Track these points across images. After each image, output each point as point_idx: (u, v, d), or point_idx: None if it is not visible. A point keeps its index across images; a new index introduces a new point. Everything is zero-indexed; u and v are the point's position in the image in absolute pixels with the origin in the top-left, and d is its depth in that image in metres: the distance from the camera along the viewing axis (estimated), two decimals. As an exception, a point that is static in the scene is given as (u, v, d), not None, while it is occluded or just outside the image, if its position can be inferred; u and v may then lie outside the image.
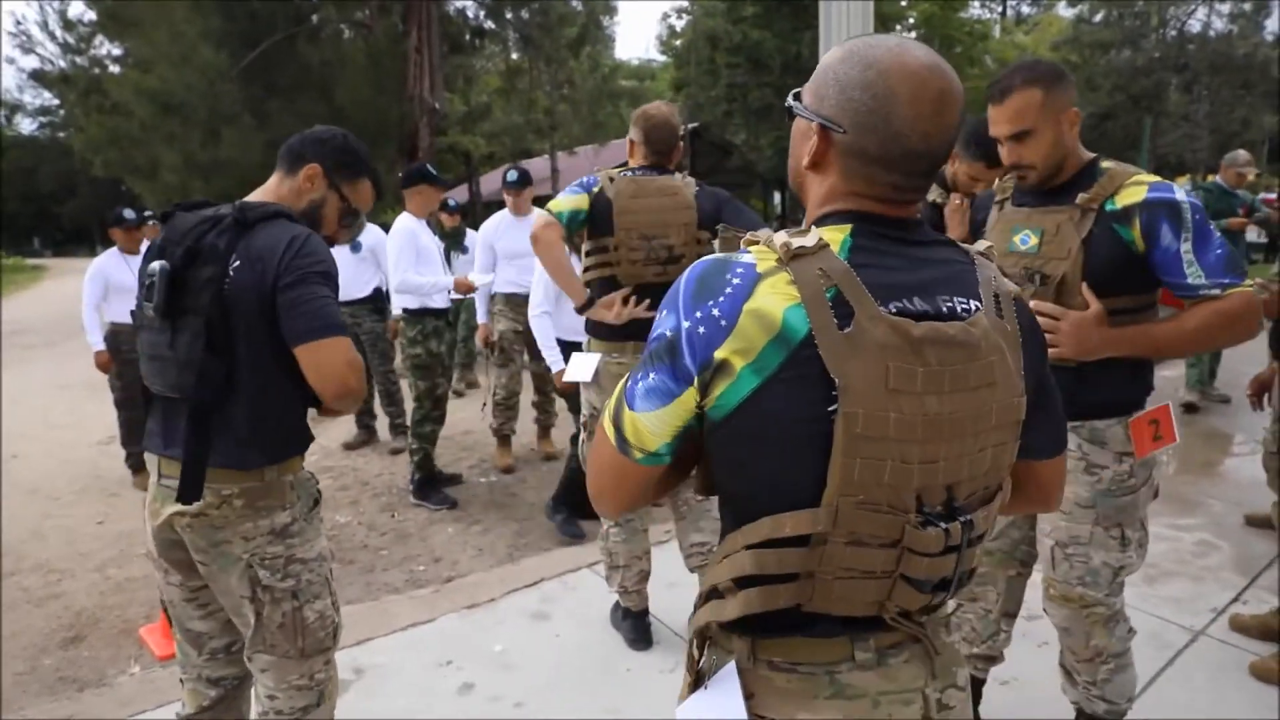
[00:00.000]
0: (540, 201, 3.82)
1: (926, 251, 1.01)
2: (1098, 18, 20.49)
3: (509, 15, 14.82)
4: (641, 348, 1.31)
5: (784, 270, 0.94)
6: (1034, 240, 1.97)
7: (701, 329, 0.94)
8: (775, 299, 0.92)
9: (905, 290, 0.96)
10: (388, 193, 10.87)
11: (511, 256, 5.17)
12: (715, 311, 0.94)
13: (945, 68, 0.98)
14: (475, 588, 3.71)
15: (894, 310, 0.93)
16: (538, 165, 16.45)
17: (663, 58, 27.18)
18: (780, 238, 0.97)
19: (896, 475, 0.92)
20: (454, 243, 7.24)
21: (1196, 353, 2.23)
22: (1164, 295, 2.01)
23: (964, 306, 0.99)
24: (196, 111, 12.57)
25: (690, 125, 15.93)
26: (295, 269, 1.72)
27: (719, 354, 0.93)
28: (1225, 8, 18.68)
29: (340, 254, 5.16)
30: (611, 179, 2.78)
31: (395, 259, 4.58)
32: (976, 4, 28.87)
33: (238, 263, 1.72)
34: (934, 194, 2.94)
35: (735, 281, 0.95)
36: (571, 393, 4.20)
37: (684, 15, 21.76)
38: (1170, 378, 7.06)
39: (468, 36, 15.15)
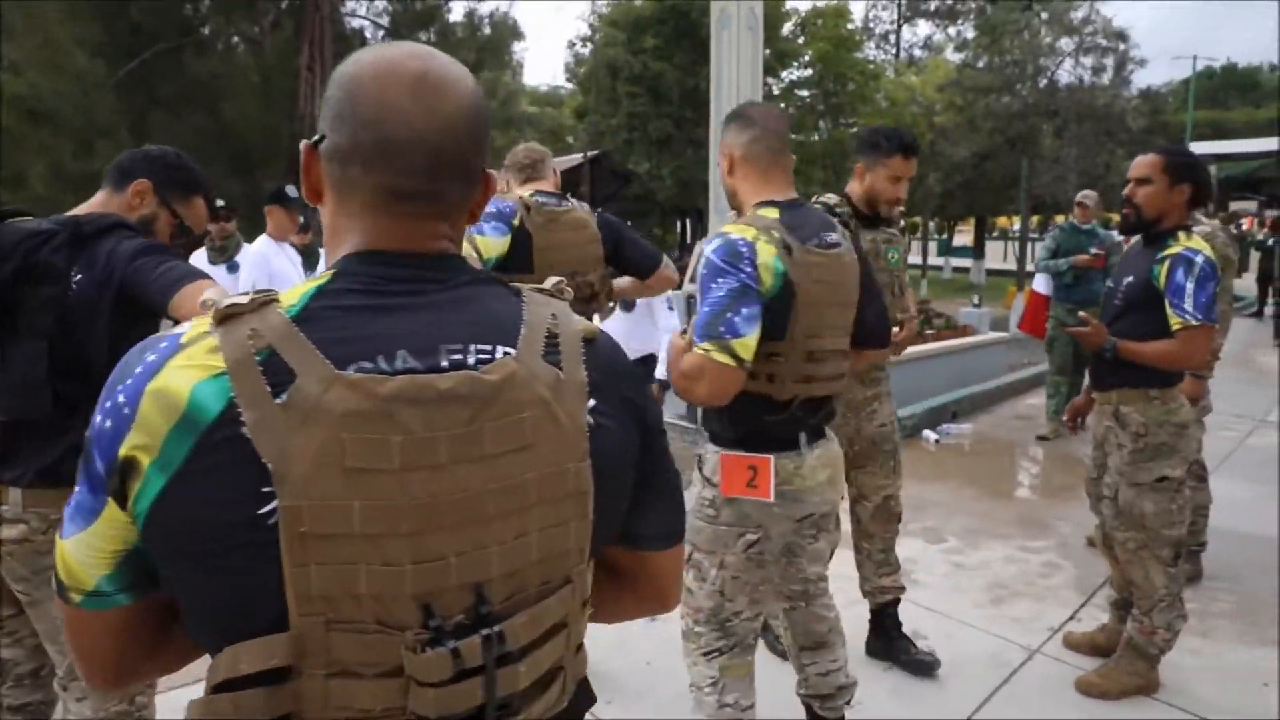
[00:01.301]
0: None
1: (444, 294, 0.82)
2: (981, 63, 21.72)
3: (405, 35, 14.62)
4: None
5: (210, 336, 0.73)
6: None
7: (108, 423, 0.73)
8: (185, 373, 0.71)
9: (385, 343, 0.75)
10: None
11: None
12: (121, 398, 0.73)
13: (429, 54, 0.84)
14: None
15: (361, 370, 0.72)
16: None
17: (570, 85, 27.42)
18: (216, 295, 0.81)
19: (378, 582, 0.71)
20: (310, 263, 7.07)
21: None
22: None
23: (484, 355, 0.78)
24: (69, 121, 11.94)
25: (591, 153, 16.03)
26: (134, 251, 1.69)
27: (123, 450, 0.71)
28: (1089, 60, 20.17)
29: (217, 274, 4.95)
30: (529, 208, 2.57)
31: (243, 284, 4.45)
32: (871, 45, 30.34)
33: (79, 276, 1.67)
34: (831, 200, 2.95)
35: (150, 358, 0.73)
36: None
37: (588, 44, 22.02)
38: (1036, 405, 7.44)
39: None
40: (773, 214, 1.98)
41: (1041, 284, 6.88)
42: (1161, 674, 2.97)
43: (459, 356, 0.77)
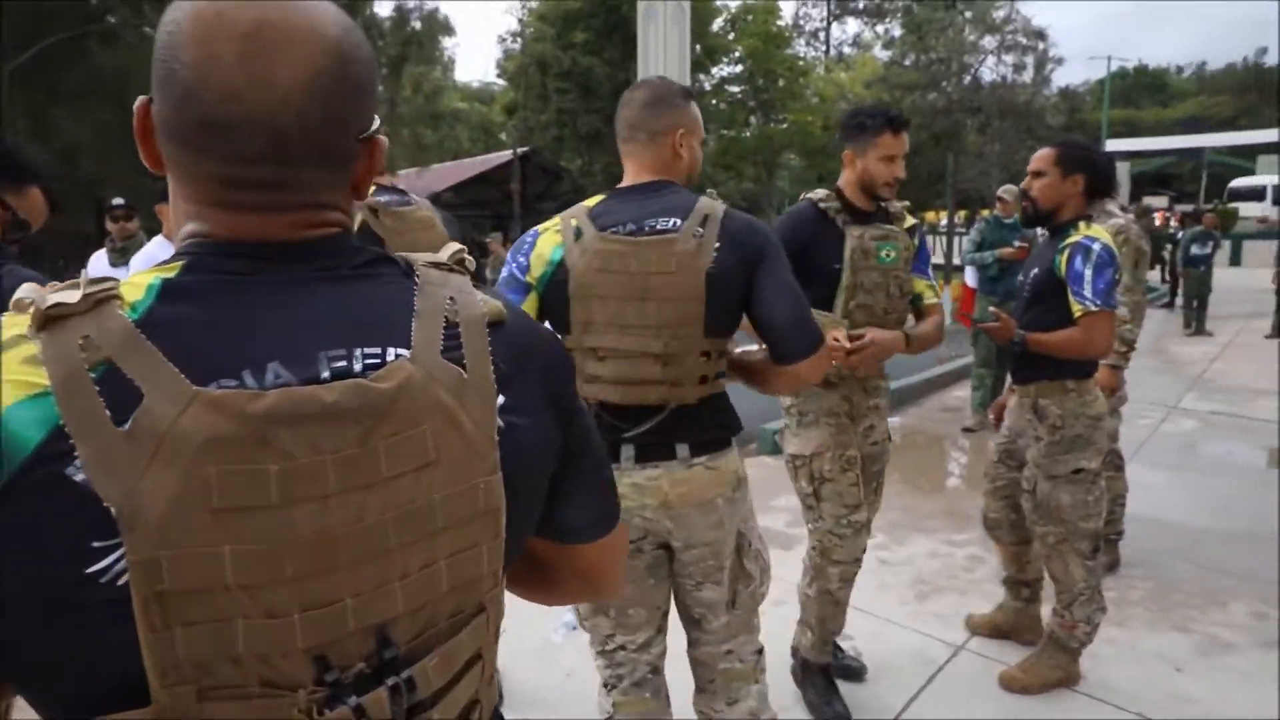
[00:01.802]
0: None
1: (321, 289, 0.68)
2: (908, 61, 22.15)
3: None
4: None
5: (27, 342, 0.58)
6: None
7: None
8: None
9: (252, 352, 0.62)
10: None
11: None
12: None
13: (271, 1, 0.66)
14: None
15: (224, 387, 0.59)
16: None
17: (501, 82, 27.10)
18: (30, 291, 0.60)
19: (261, 639, 0.59)
20: None
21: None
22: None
23: (372, 360, 0.66)
24: (-43, 113, 11.22)
25: (521, 149, 15.82)
26: None
27: None
28: (1010, 59, 20.76)
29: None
30: (375, 210, 2.36)
31: None
32: (801, 43, 30.71)
33: None
34: (818, 196, 2.72)
35: None
36: None
37: (518, 39, 21.76)
38: (963, 397, 7.55)
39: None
40: (593, 201, 1.87)
41: (969, 277, 6.99)
42: (1081, 664, 2.98)
43: (343, 364, 0.65)
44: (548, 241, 1.81)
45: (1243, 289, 15.09)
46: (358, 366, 0.66)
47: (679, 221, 1.73)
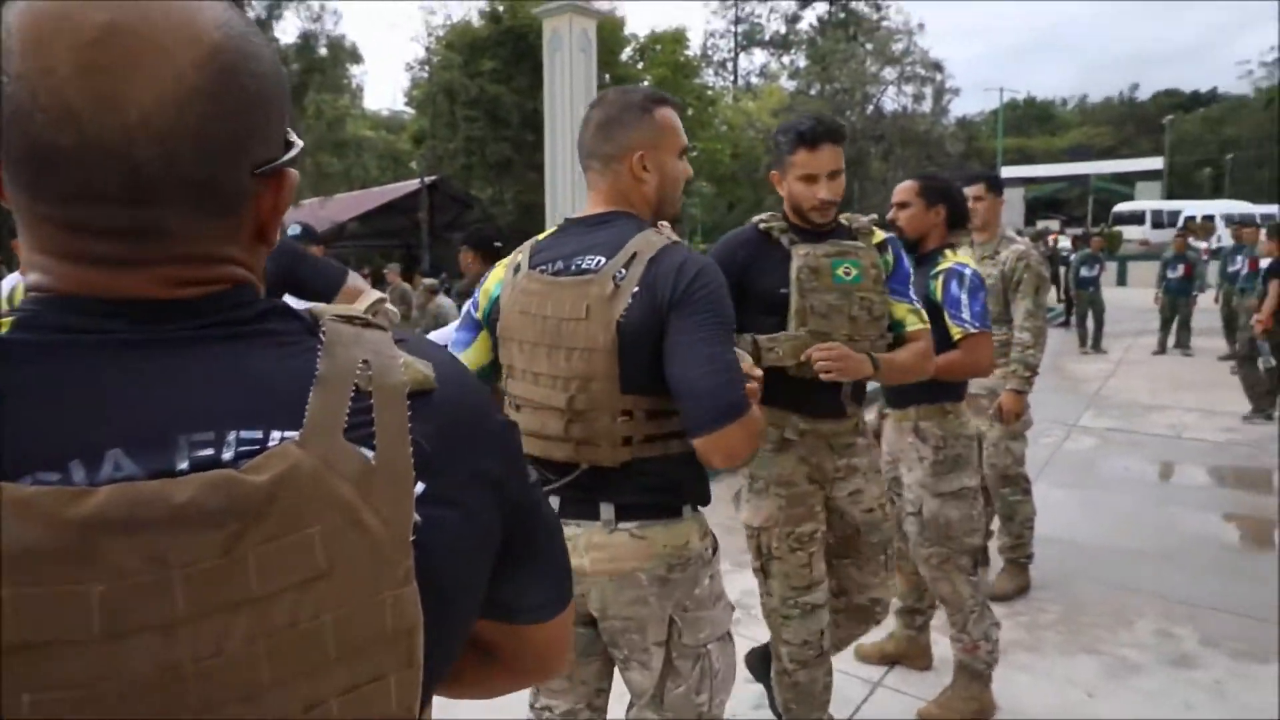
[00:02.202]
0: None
1: (190, 354, 0.55)
2: (813, 91, 22.80)
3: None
4: None
5: None
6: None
7: None
8: None
9: (85, 436, 0.49)
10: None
11: None
12: None
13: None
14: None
15: (41, 482, 0.47)
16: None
17: (411, 110, 26.69)
18: None
19: None
20: None
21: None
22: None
23: (249, 445, 0.53)
24: None
25: (428, 179, 15.52)
26: None
27: None
28: (910, 89, 21.62)
29: None
30: None
31: None
32: (710, 73, 31.30)
33: None
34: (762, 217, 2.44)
35: None
36: None
37: (425, 67, 21.47)
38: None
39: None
40: (545, 234, 1.76)
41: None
42: (998, 693, 2.93)
43: (208, 451, 0.52)
44: (495, 276, 1.73)
45: (1130, 308, 15.81)
46: (228, 455, 0.52)
47: (603, 260, 1.54)
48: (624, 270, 1.51)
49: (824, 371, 2.14)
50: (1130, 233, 32.37)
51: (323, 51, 21.37)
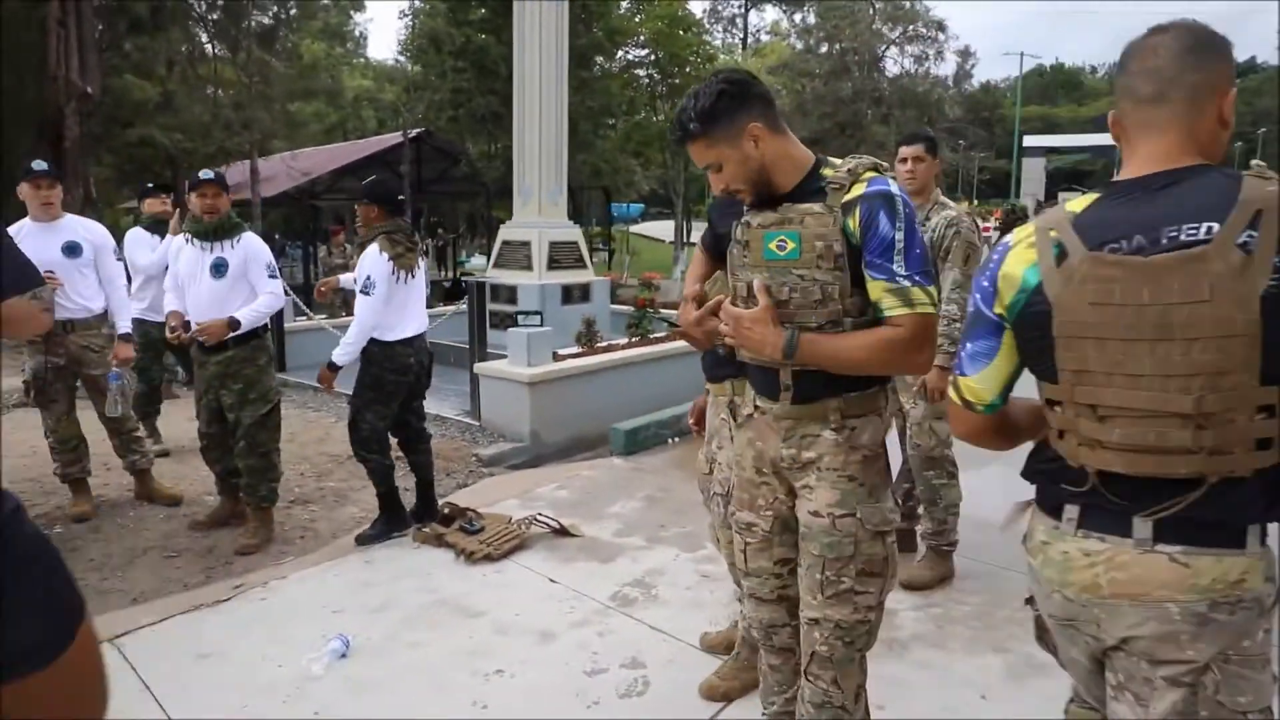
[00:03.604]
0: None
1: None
2: (823, 50, 22.19)
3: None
4: None
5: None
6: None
7: None
8: None
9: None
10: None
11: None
12: None
13: None
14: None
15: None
16: (237, 168, 14.86)
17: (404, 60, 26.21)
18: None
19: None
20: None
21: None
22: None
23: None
24: None
25: (412, 131, 15.13)
26: None
27: None
28: (912, 49, 20.99)
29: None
30: None
31: None
32: (720, 29, 30.54)
33: None
34: None
35: None
36: None
37: (413, 16, 20.94)
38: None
39: (148, 12, 13.21)
40: (1080, 204, 1.44)
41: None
42: (888, 691, 2.72)
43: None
44: (1019, 260, 1.44)
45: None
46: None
47: (1214, 227, 1.26)
48: (1252, 234, 1.24)
49: (727, 337, 1.93)
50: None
51: (324, -1, 20.90)
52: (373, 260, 3.90)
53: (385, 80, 28.10)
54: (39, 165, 4.40)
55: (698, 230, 18.50)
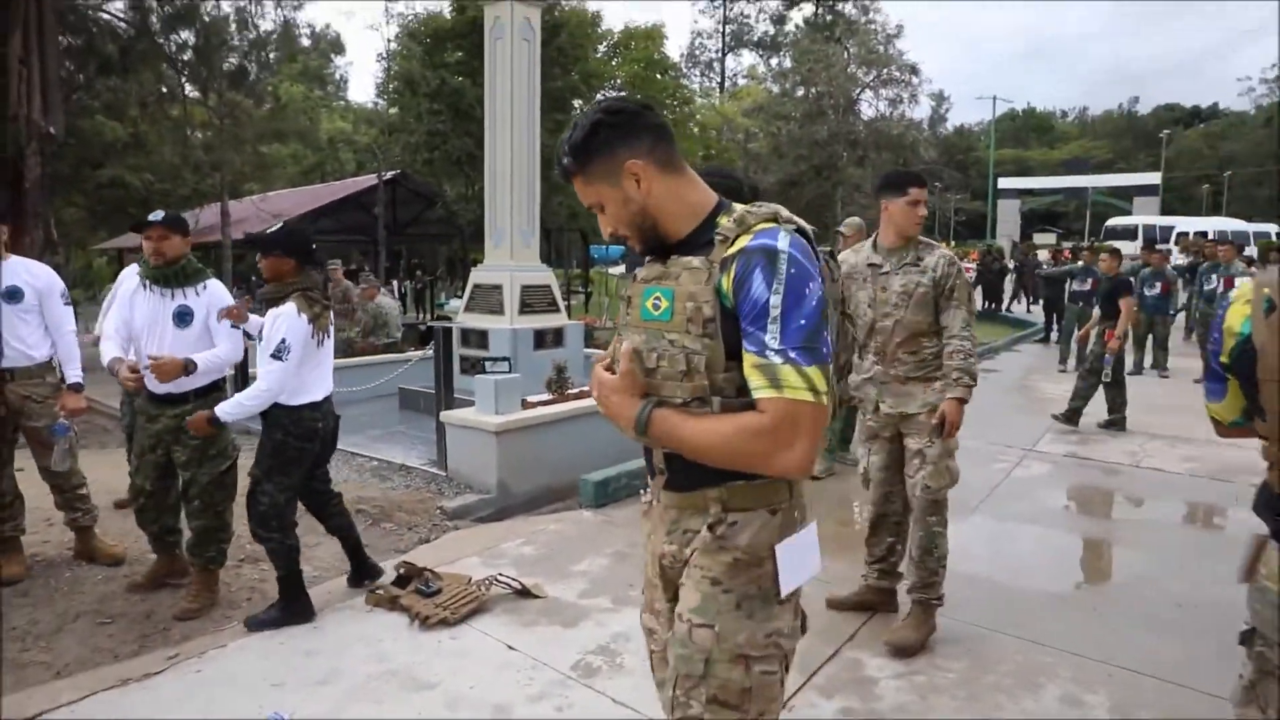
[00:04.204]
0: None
1: None
2: (799, 93, 22.41)
3: (159, 34, 12.91)
4: None
5: None
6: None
7: None
8: None
9: None
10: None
11: None
12: None
13: None
14: None
15: None
16: (209, 210, 14.63)
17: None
18: None
19: None
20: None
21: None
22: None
23: None
24: None
25: (387, 174, 15.00)
26: None
27: None
28: (887, 92, 21.23)
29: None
30: None
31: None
32: (697, 73, 30.94)
33: None
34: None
35: None
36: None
37: (393, 58, 20.97)
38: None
39: (117, 53, 13.05)
40: None
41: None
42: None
43: None
44: (1237, 314, 1.60)
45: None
46: None
47: None
48: None
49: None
50: (1122, 248, 32.19)
51: (304, 41, 20.91)
52: (290, 322, 3.51)
53: (363, 122, 28.18)
54: None
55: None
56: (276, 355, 3.44)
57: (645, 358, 1.55)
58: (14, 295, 4.13)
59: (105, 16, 12.68)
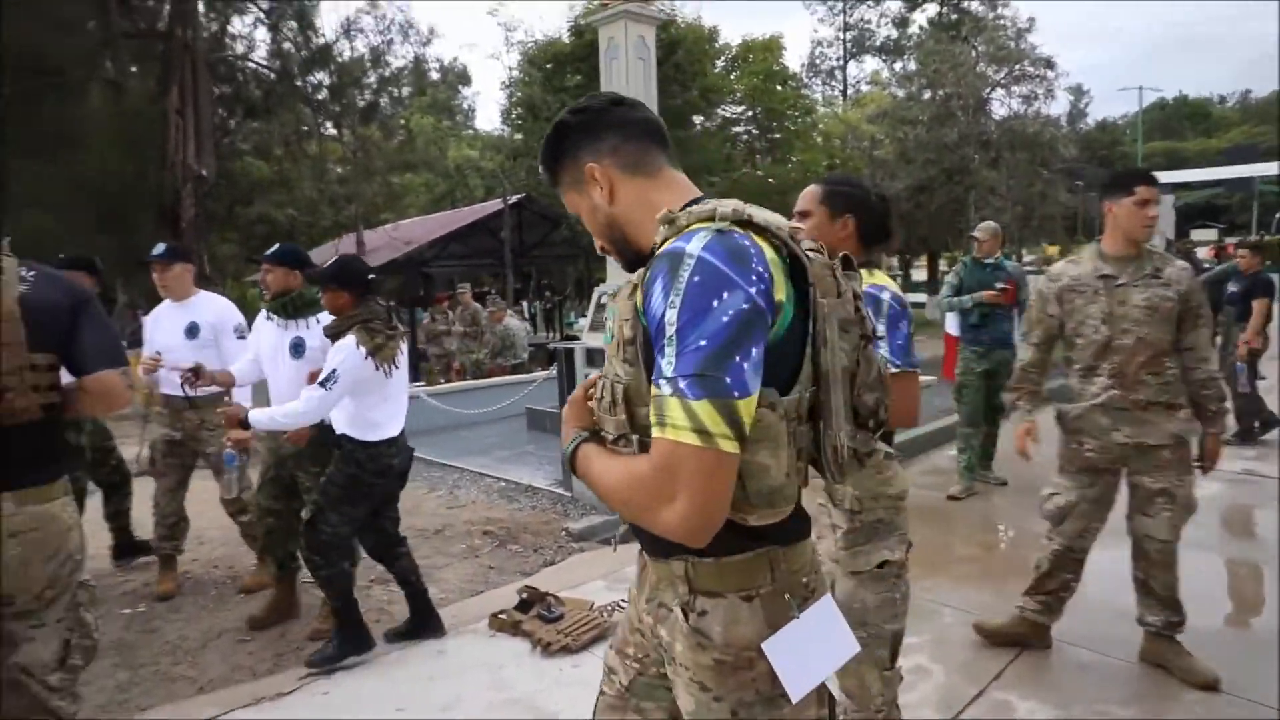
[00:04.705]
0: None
1: None
2: (926, 96, 21.63)
3: (297, 76, 13.82)
4: None
5: None
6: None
7: None
8: None
9: None
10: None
11: (166, 350, 4.42)
12: None
13: None
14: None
15: None
16: (346, 240, 15.43)
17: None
18: None
19: None
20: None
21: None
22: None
23: None
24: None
25: (512, 198, 15.40)
26: None
27: None
28: (1019, 89, 20.15)
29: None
30: None
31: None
32: (819, 82, 30.37)
33: None
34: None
35: None
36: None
37: (515, 86, 21.55)
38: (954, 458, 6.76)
39: (261, 97, 14.06)
40: None
41: (950, 325, 6.30)
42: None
43: None
44: None
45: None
46: None
47: None
48: None
49: None
50: (1295, 240, 29.24)
51: (433, 75, 21.83)
52: (345, 354, 3.39)
53: (490, 149, 29.20)
54: (156, 250, 4.58)
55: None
56: (323, 383, 3.37)
57: (598, 385, 1.38)
58: (192, 331, 4.47)
59: (251, 65, 13.65)
